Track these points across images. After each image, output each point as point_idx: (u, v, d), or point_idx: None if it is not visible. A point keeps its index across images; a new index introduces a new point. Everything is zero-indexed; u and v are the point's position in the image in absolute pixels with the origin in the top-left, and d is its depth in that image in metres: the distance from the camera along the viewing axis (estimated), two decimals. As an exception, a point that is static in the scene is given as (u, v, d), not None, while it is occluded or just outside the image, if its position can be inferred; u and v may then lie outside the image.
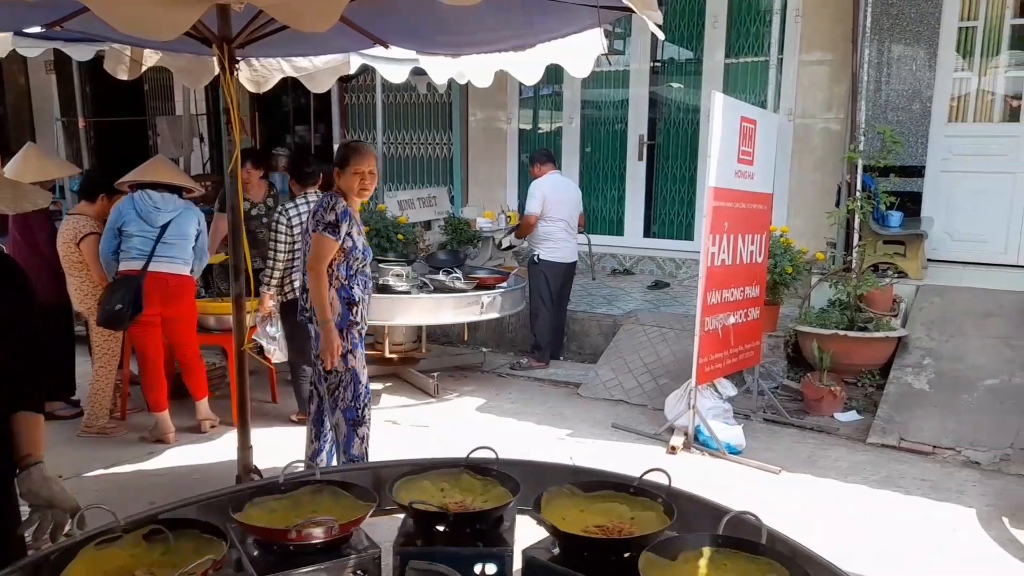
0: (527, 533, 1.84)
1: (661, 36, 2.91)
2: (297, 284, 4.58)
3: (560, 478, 1.98)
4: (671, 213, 8.11)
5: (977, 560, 3.47)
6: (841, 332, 5.48)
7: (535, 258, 6.24)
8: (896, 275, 6.23)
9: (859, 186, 6.04)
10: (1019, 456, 4.52)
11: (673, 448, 4.62)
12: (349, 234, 3.49)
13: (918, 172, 6.69)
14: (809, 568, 1.51)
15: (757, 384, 5.42)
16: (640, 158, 8.11)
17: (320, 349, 3.48)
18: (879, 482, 4.29)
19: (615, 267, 8.11)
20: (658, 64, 8.12)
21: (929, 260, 6.61)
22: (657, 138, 8.12)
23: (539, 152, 6.55)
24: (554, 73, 5.41)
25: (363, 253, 3.58)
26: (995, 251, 6.56)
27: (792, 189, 7.28)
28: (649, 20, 2.37)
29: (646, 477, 1.91)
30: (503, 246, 6.96)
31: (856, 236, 6.09)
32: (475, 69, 4.16)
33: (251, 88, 4.85)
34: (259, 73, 4.74)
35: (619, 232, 8.37)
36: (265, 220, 6.01)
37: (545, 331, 6.32)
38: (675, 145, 8.02)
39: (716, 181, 4.51)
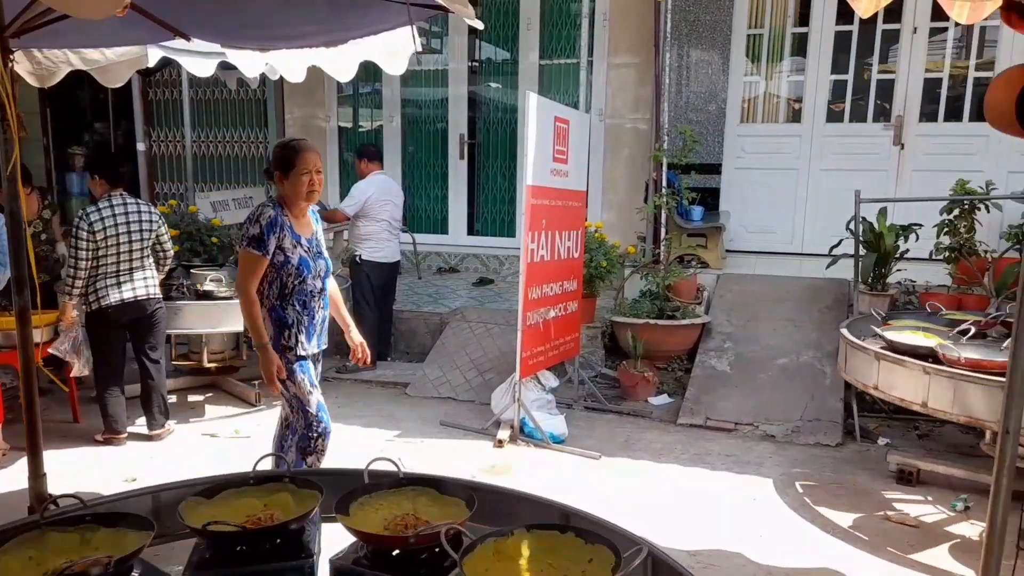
0: (341, 540, 1.76)
1: (479, 25, 2.91)
2: (105, 295, 4.17)
3: (361, 480, 1.91)
4: (493, 211, 8.23)
5: (775, 524, 3.78)
6: (652, 321, 5.80)
7: (357, 258, 6.10)
8: (699, 266, 6.69)
9: (664, 183, 6.42)
10: (807, 427, 4.99)
11: (500, 442, 4.67)
12: (281, 247, 3.17)
13: (716, 169, 7.25)
14: (611, 537, 1.54)
15: (578, 374, 5.61)
16: (462, 157, 8.16)
17: (261, 370, 3.26)
18: (689, 460, 4.57)
19: (441, 265, 8.10)
20: (476, 64, 8.20)
21: (728, 251, 7.17)
22: (478, 137, 8.20)
23: (366, 147, 6.39)
24: (373, 71, 5.32)
25: (299, 268, 3.21)
26: (783, 241, 7.24)
27: (605, 186, 7.62)
28: (463, 15, 2.34)
29: (463, 476, 1.88)
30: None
31: (663, 230, 6.48)
32: (286, 64, 3.97)
33: (34, 82, 4.37)
34: (43, 66, 4.27)
35: (444, 231, 8.37)
36: (44, 237, 5.46)
37: (370, 331, 6.18)
38: (495, 144, 8.14)
39: (533, 179, 4.60)
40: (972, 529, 3.74)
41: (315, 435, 3.33)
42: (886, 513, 3.89)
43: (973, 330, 3.81)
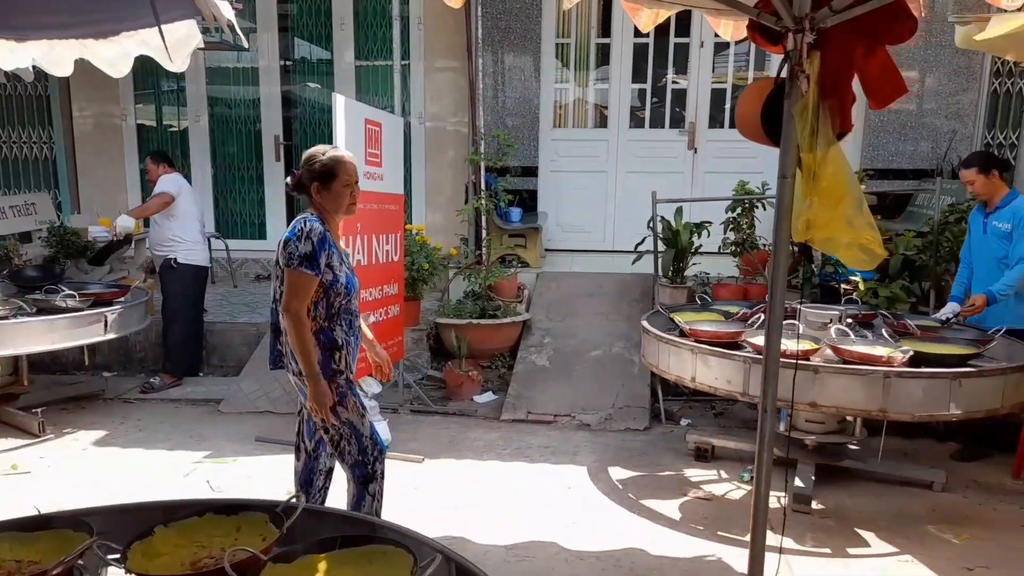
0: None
1: (242, 39, 2.81)
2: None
3: (153, 515, 1.80)
4: (313, 214, 8.00)
5: (588, 510, 3.99)
6: (475, 321, 5.91)
7: (172, 262, 5.75)
8: (520, 265, 6.91)
9: (483, 185, 6.56)
10: (619, 414, 5.31)
11: (320, 453, 4.56)
12: (329, 265, 2.91)
13: (533, 172, 7.51)
14: (414, 546, 1.57)
15: (403, 378, 5.61)
16: (278, 159, 7.88)
17: (309, 402, 2.93)
18: (510, 455, 4.72)
19: (259, 272, 7.78)
20: (290, 63, 7.95)
21: (547, 250, 7.46)
22: (294, 138, 7.96)
23: (156, 153, 6.03)
24: None
25: (347, 287, 2.98)
26: (596, 239, 7.64)
27: (429, 189, 7.66)
28: (221, 21, 2.25)
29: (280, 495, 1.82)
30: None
31: (484, 231, 6.62)
32: (48, 56, 3.57)
33: None
34: None
35: (262, 236, 8.05)
36: None
37: (186, 341, 5.87)
38: (312, 145, 7.91)
39: (344, 183, 4.53)
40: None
41: (371, 459, 3.07)
42: (687, 491, 4.23)
43: (763, 317, 4.26)
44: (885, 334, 3.89)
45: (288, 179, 3.10)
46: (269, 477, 4.31)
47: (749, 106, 2.34)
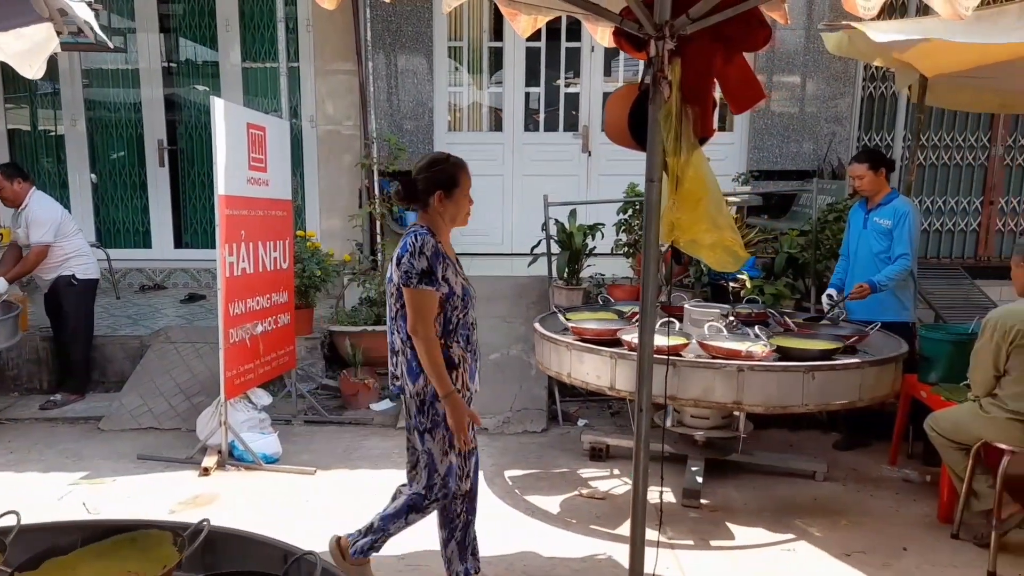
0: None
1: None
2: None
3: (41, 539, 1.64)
4: (202, 221, 7.70)
5: (483, 515, 3.89)
6: (370, 328, 5.81)
7: (72, 279, 5.53)
8: (418, 270, 6.83)
9: (377, 190, 6.46)
10: (516, 417, 5.32)
11: (206, 469, 4.38)
12: (445, 278, 2.77)
13: (430, 175, 7.43)
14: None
15: (296, 388, 5.46)
16: (162, 164, 7.53)
17: (449, 423, 2.79)
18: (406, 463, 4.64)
19: (144, 283, 7.42)
20: (173, 64, 7.61)
21: (446, 254, 7.40)
22: (180, 143, 7.62)
23: (7, 167, 5.56)
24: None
25: (463, 299, 2.83)
26: (495, 242, 7.65)
27: (323, 194, 7.49)
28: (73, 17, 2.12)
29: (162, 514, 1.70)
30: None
31: (379, 237, 6.52)
32: None
33: None
34: None
35: (147, 244, 7.67)
36: None
37: (87, 357, 5.74)
38: (200, 150, 7.62)
39: (226, 189, 4.38)
40: (650, 495, 4.22)
41: (432, 498, 2.98)
42: (580, 491, 4.27)
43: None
44: (758, 330, 4.04)
45: (396, 187, 2.90)
46: (151, 496, 4.10)
47: (616, 111, 2.38)
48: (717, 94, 2.45)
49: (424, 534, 3.69)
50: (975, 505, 3.64)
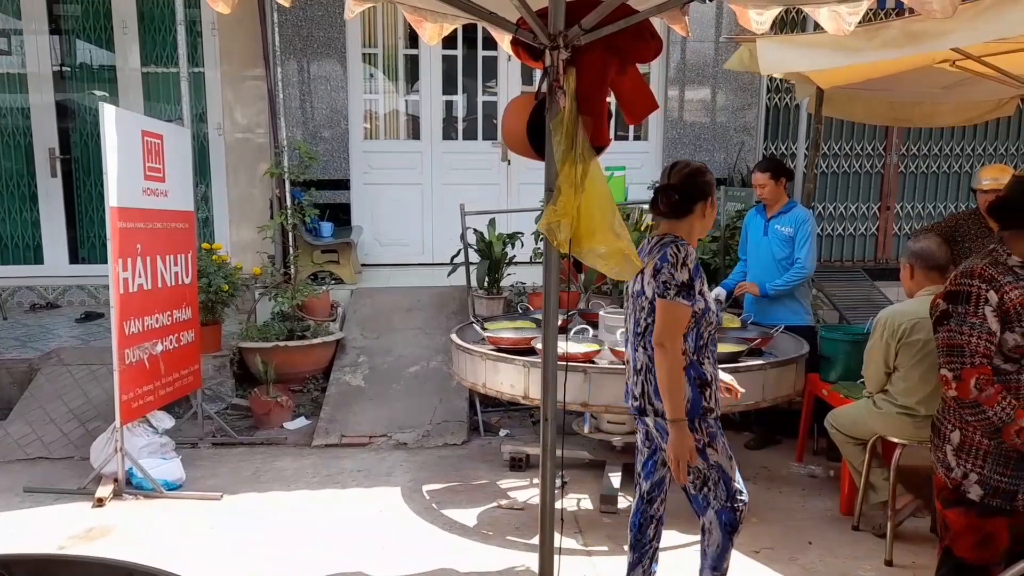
0: None
1: None
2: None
3: None
4: (100, 235, 7.27)
5: (399, 532, 3.86)
6: (282, 343, 5.61)
7: None
8: (333, 282, 6.67)
9: (289, 200, 6.26)
10: (436, 430, 5.22)
11: (100, 500, 4.09)
12: (701, 292, 2.67)
13: (345, 184, 7.28)
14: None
15: (202, 409, 5.20)
16: (54, 175, 7.09)
17: (668, 452, 2.64)
18: (319, 482, 4.49)
19: (35, 301, 6.96)
20: (66, 68, 7.20)
21: (364, 265, 7.26)
22: (74, 152, 7.21)
23: None
24: None
25: (715, 315, 2.77)
26: (415, 252, 7.54)
27: (232, 204, 7.21)
28: None
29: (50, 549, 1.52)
30: None
31: (292, 248, 6.32)
32: None
33: None
34: None
35: (38, 260, 7.21)
36: None
37: None
38: (95, 159, 7.22)
39: (118, 201, 4.14)
40: (569, 503, 4.21)
41: (740, 507, 2.78)
42: (499, 502, 4.21)
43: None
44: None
45: (665, 197, 2.67)
46: (40, 531, 3.82)
47: (514, 121, 2.34)
48: (613, 104, 2.45)
49: (343, 555, 3.57)
50: (873, 497, 3.78)
